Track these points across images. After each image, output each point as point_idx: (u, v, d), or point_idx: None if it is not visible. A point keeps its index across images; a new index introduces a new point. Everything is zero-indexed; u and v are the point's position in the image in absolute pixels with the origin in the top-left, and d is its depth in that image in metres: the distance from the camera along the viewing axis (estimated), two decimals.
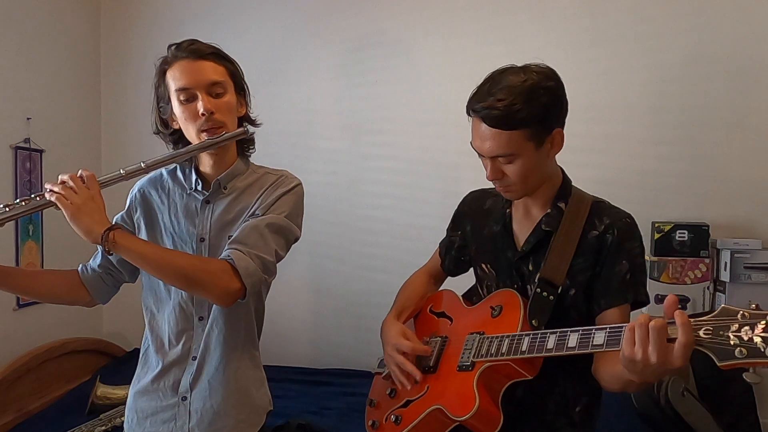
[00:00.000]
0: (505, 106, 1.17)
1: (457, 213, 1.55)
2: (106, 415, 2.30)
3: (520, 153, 1.21)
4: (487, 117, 1.19)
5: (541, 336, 1.17)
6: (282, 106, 2.96)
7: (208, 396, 1.39)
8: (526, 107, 1.18)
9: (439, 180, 2.83)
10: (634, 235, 1.27)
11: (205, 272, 1.27)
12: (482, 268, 1.44)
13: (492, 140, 1.20)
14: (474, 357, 1.26)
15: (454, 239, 1.54)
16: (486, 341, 1.26)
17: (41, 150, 2.73)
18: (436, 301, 1.54)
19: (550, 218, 1.30)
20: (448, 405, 1.23)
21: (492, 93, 1.19)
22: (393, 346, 1.40)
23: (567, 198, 1.32)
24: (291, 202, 1.40)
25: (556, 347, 1.13)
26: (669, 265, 2.50)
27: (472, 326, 1.34)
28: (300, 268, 2.95)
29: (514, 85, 1.19)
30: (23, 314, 2.63)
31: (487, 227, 1.43)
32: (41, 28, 2.76)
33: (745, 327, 0.89)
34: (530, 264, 1.32)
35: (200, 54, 1.34)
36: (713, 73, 2.59)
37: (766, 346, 0.86)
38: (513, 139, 1.19)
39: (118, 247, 1.23)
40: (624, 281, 1.24)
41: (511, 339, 1.21)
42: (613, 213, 1.29)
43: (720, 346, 0.91)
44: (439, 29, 2.84)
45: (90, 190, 1.24)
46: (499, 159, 1.23)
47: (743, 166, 2.59)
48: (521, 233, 1.35)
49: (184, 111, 1.34)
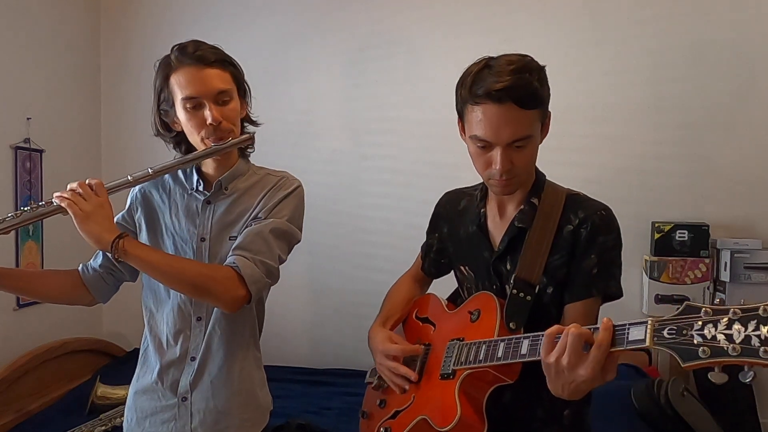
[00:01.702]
0: (525, 83, 1.12)
1: (434, 215, 1.52)
2: (106, 415, 2.30)
3: (534, 135, 1.17)
4: (512, 97, 1.11)
5: (515, 341, 1.13)
6: (282, 106, 2.96)
7: (211, 396, 1.39)
8: (539, 84, 1.15)
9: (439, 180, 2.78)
10: (609, 229, 1.22)
11: (212, 280, 1.29)
12: (461, 270, 1.41)
13: (512, 123, 1.13)
14: (454, 365, 1.24)
15: (432, 242, 1.51)
16: (465, 348, 1.23)
17: (41, 150, 2.73)
18: (421, 306, 1.52)
19: (523, 215, 1.26)
20: (432, 415, 1.22)
21: (501, 74, 1.12)
22: (381, 352, 1.37)
23: (540, 193, 1.27)
24: (292, 205, 1.41)
25: (530, 352, 1.09)
26: (669, 265, 2.50)
27: (453, 332, 1.31)
28: (300, 268, 2.95)
29: (517, 65, 1.14)
30: (23, 314, 2.62)
31: (462, 228, 1.39)
32: (41, 28, 2.76)
33: (708, 324, 0.85)
34: (507, 263, 1.28)
35: (206, 61, 1.33)
36: (713, 73, 2.59)
37: (728, 344, 0.82)
38: (531, 119, 1.15)
39: (127, 255, 1.25)
40: (590, 275, 1.20)
41: (488, 345, 1.18)
42: (588, 206, 1.24)
43: (683, 346, 0.87)
44: (439, 29, 2.84)
45: (99, 197, 1.25)
46: (515, 145, 1.16)
47: (743, 166, 2.59)
48: (496, 232, 1.32)
49: (191, 119, 1.34)
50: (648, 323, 0.93)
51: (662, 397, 2.15)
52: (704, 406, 2.24)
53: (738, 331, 0.82)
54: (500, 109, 1.13)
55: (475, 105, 1.16)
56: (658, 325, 0.91)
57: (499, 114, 1.13)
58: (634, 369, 2.51)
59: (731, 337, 0.82)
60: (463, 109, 1.22)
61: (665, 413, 2.15)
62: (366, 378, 1.52)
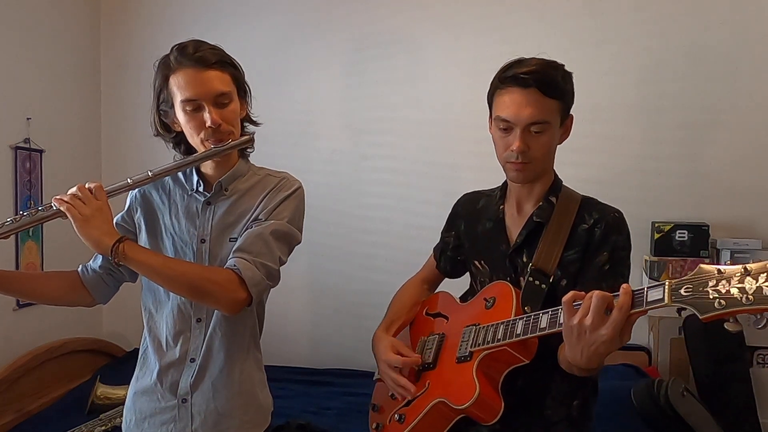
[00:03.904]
0: (549, 74, 1.25)
1: (452, 214, 1.57)
2: (106, 415, 2.30)
3: (552, 124, 1.27)
4: (535, 80, 1.23)
5: (534, 317, 1.20)
6: (282, 106, 2.96)
7: (212, 398, 1.39)
8: (563, 80, 1.28)
9: (439, 180, 2.83)
10: (620, 230, 1.31)
11: (213, 283, 1.29)
12: (475, 265, 1.46)
13: (533, 106, 1.24)
14: (471, 347, 1.29)
15: (449, 240, 1.57)
16: (482, 331, 1.29)
17: (41, 150, 2.73)
18: (431, 304, 1.55)
19: (542, 210, 1.34)
20: (450, 396, 1.25)
21: (530, 65, 1.25)
22: (384, 362, 1.42)
23: (557, 193, 1.36)
24: (293, 207, 1.41)
25: (549, 324, 1.16)
26: (669, 265, 2.50)
27: (468, 320, 1.36)
28: (300, 268, 2.95)
29: (547, 62, 1.27)
30: (23, 314, 2.62)
31: (480, 225, 1.46)
32: (41, 28, 2.76)
33: (722, 281, 0.95)
34: (524, 256, 1.35)
35: (206, 63, 1.32)
36: (713, 73, 2.59)
37: (742, 295, 0.92)
38: (552, 107, 1.26)
39: (127, 259, 1.25)
40: (601, 270, 1.28)
41: (506, 324, 1.24)
42: (602, 208, 1.34)
43: (700, 300, 0.96)
44: (439, 29, 2.83)
45: (98, 201, 1.25)
46: (532, 129, 1.26)
47: (743, 166, 2.59)
48: (514, 227, 1.38)
49: (190, 120, 1.34)
50: (666, 284, 1.00)
51: (662, 397, 2.15)
52: (704, 406, 2.24)
53: (750, 283, 0.92)
54: (523, 92, 1.25)
55: (503, 90, 1.28)
56: (675, 285, 0.99)
57: (522, 96, 1.25)
58: (634, 369, 2.51)
59: (744, 290, 0.92)
60: (492, 98, 1.32)
61: (665, 413, 2.15)
62: (375, 376, 1.55)
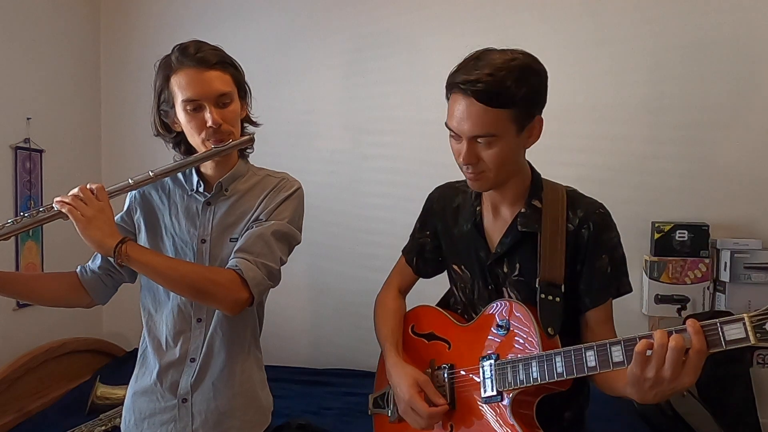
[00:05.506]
0: (495, 81, 1.10)
1: (426, 211, 1.48)
2: (106, 415, 2.30)
3: (501, 135, 1.14)
4: (474, 92, 1.11)
5: (576, 353, 1.07)
6: (282, 106, 2.96)
7: (212, 397, 1.39)
8: (515, 85, 1.11)
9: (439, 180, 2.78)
10: (609, 227, 1.24)
11: (214, 283, 1.29)
12: (455, 269, 1.40)
13: (476, 118, 1.12)
14: (499, 386, 1.17)
15: (424, 241, 1.48)
16: (509, 368, 1.17)
17: (41, 150, 2.73)
18: (416, 321, 1.43)
19: (527, 218, 1.25)
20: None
21: (480, 68, 1.11)
22: (407, 403, 1.28)
23: (540, 194, 1.26)
24: (293, 207, 1.41)
25: (601, 364, 1.04)
26: (669, 265, 2.50)
27: (479, 349, 1.25)
28: (300, 268, 2.95)
29: (503, 62, 1.12)
30: (23, 314, 2.62)
31: (457, 227, 1.38)
32: (41, 29, 2.76)
33: None
34: (505, 266, 1.28)
35: (207, 63, 1.32)
36: (713, 73, 2.59)
37: None
38: (498, 118, 1.12)
39: (130, 260, 1.25)
40: (606, 277, 1.23)
41: (541, 361, 1.12)
42: (586, 204, 1.25)
43: None
44: (439, 29, 2.83)
45: (100, 202, 1.25)
46: (479, 141, 1.15)
47: (743, 166, 2.59)
48: (494, 233, 1.30)
49: (191, 121, 1.34)
50: (744, 319, 0.92)
51: None
52: (704, 406, 2.23)
53: None
54: (464, 102, 1.14)
55: (451, 94, 1.18)
56: (757, 321, 0.91)
57: (463, 106, 1.14)
58: None
59: None
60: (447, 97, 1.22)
61: (665, 413, 2.15)
62: (369, 408, 1.46)
